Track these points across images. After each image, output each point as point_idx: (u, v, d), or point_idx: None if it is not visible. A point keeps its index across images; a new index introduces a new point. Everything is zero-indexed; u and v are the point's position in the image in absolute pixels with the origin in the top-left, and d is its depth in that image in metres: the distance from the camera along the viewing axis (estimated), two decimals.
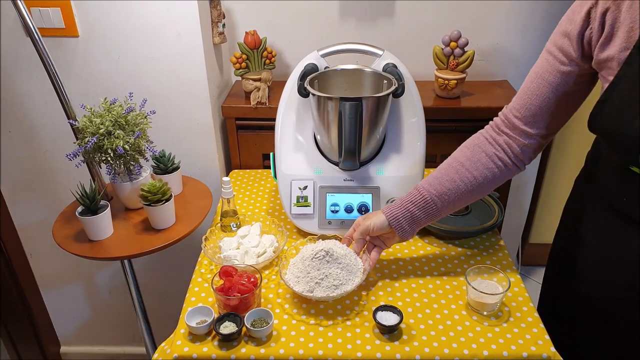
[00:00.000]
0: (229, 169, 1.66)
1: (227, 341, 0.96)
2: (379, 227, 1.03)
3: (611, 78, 0.81)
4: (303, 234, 1.25)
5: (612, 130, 0.82)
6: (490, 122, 1.02)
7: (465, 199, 1.02)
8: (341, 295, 1.00)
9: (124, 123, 1.19)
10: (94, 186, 1.19)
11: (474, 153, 1.00)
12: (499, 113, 1.01)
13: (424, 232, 1.25)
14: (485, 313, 1.01)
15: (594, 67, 0.86)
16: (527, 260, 2.34)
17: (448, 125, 1.54)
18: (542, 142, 0.97)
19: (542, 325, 0.98)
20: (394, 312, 0.99)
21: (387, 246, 1.08)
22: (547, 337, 0.96)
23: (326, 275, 1.00)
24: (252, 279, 1.02)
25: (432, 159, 1.58)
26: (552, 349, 0.93)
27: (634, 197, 0.87)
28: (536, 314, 1.01)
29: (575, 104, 0.94)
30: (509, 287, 1.00)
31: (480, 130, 1.03)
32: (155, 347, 1.51)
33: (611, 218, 0.93)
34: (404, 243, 1.22)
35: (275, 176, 1.27)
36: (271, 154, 1.30)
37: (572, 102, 0.93)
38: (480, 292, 0.98)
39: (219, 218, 1.26)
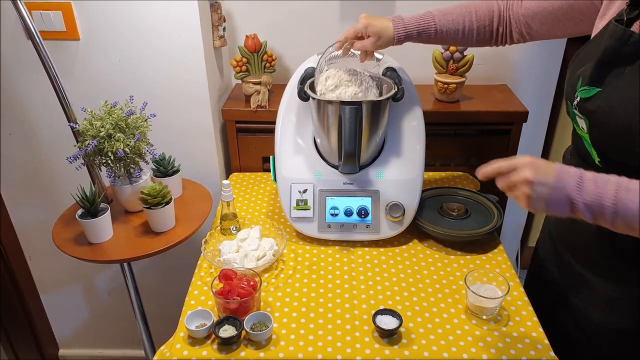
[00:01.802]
0: (228, 172, 1.66)
1: (227, 345, 0.96)
2: (386, 43, 1.10)
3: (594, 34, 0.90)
4: (302, 237, 1.25)
5: (567, 78, 0.93)
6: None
7: (452, 41, 1.13)
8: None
9: (125, 126, 1.19)
10: (94, 189, 1.19)
11: (486, 10, 1.09)
12: None
13: (424, 236, 1.25)
14: (484, 317, 1.01)
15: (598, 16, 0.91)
16: (526, 263, 2.33)
17: (448, 129, 1.54)
18: (527, 38, 1.08)
19: (541, 329, 0.98)
20: (393, 316, 0.99)
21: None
22: (546, 341, 0.96)
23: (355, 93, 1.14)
24: (251, 283, 1.02)
25: (432, 163, 1.58)
26: (552, 353, 0.93)
27: (577, 152, 0.96)
28: (535, 318, 1.01)
29: (568, 28, 1.00)
30: (508, 291, 1.00)
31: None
32: (154, 350, 1.50)
33: None
34: (403, 246, 1.22)
35: (275, 179, 1.27)
36: (271, 157, 1.30)
37: (567, 24, 0.99)
38: (480, 296, 0.99)
39: (219, 221, 1.26)
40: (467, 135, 1.55)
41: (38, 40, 1.15)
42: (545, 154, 1.99)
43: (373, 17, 1.09)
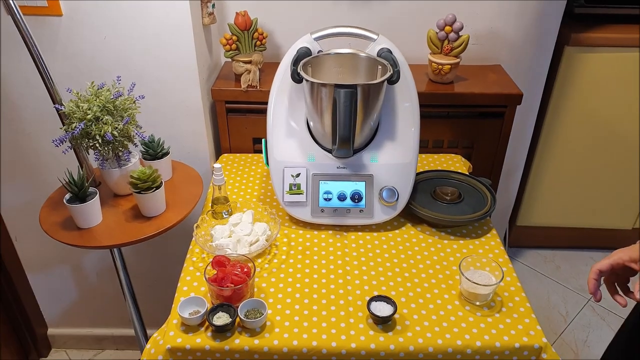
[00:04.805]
0: (218, 152, 1.63)
1: (221, 332, 0.95)
2: None
3: None
4: (295, 221, 1.24)
5: None
6: None
7: None
8: None
9: (113, 108, 1.15)
10: (82, 173, 1.16)
11: None
12: None
13: (417, 221, 1.25)
14: (477, 303, 1.02)
15: None
16: (514, 242, 2.37)
17: (441, 110, 1.53)
18: None
19: (534, 315, 0.99)
20: (387, 302, 0.99)
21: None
22: (538, 327, 0.97)
23: None
24: (245, 269, 1.01)
25: (425, 144, 1.57)
26: (544, 339, 0.94)
27: None
28: (528, 304, 1.02)
29: None
30: (502, 277, 1.01)
31: None
32: (144, 330, 1.50)
33: None
34: (397, 230, 1.22)
35: (267, 163, 1.25)
36: (263, 140, 1.28)
37: None
38: (474, 282, 0.99)
39: (210, 204, 1.24)
40: (461, 116, 1.54)
41: (18, 16, 1.10)
42: (535, 138, 1.99)
43: None
